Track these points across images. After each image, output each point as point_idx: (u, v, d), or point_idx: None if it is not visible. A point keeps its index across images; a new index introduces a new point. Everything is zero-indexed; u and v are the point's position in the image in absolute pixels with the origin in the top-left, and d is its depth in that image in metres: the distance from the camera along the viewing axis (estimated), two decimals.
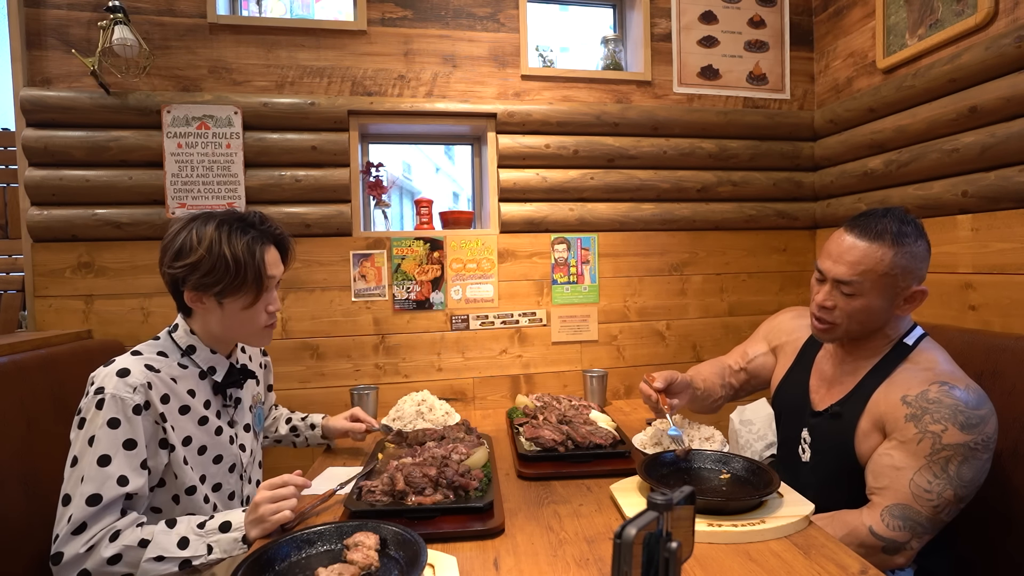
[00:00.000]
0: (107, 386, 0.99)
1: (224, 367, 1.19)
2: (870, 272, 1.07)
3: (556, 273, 2.15)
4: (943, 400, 1.01)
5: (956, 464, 0.99)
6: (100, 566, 0.92)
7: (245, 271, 1.07)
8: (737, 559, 0.87)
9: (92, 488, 0.94)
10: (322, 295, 1.98)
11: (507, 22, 2.10)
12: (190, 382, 1.12)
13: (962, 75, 1.61)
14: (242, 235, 1.08)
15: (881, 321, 1.12)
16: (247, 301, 1.10)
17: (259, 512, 0.97)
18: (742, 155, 2.22)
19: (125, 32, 1.72)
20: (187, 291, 1.08)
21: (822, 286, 1.15)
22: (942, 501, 0.99)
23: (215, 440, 1.14)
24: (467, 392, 2.09)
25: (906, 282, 1.08)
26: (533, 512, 1.06)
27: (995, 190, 1.55)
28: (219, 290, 1.07)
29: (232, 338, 1.19)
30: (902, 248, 1.06)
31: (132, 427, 0.98)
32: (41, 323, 1.82)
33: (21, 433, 1.27)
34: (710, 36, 2.23)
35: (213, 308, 1.10)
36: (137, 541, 0.94)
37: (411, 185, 7.14)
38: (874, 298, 1.08)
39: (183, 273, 1.06)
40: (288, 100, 1.92)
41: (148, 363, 1.06)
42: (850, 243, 1.10)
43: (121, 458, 0.97)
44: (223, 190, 1.89)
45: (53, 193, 1.80)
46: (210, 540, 0.97)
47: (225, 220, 1.09)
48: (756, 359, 1.47)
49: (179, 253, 1.06)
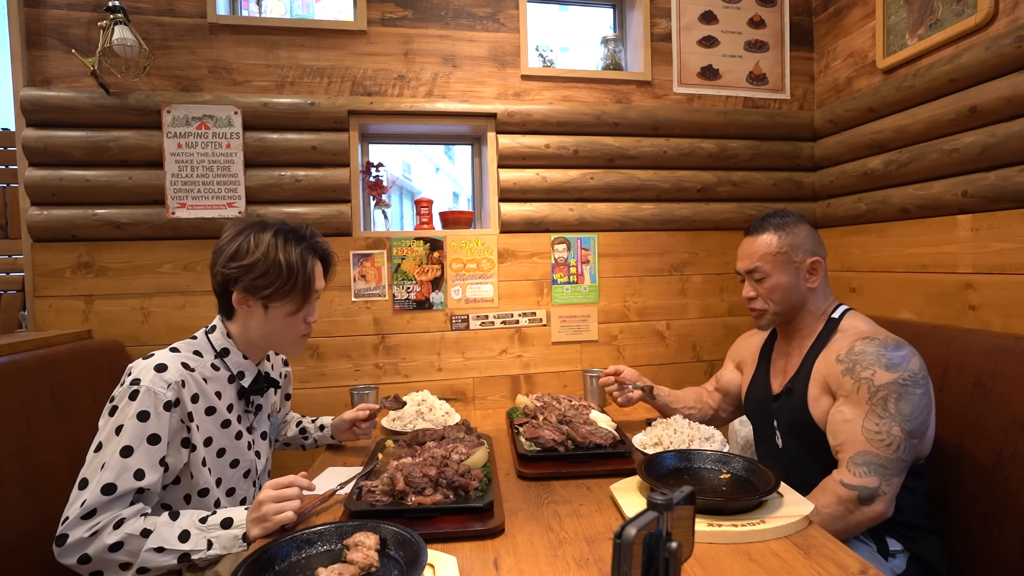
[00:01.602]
0: (143, 379, 1.01)
1: (252, 373, 1.21)
2: (766, 256, 1.30)
3: (556, 273, 2.15)
4: (867, 350, 1.16)
5: (894, 401, 1.10)
6: (101, 552, 0.93)
7: (296, 278, 1.11)
8: (737, 559, 0.87)
9: (109, 477, 0.96)
10: (322, 295, 1.97)
11: (507, 22, 2.10)
12: (219, 384, 1.14)
13: (962, 75, 1.61)
14: (296, 244, 1.13)
15: (796, 296, 1.30)
16: (292, 308, 1.14)
17: (262, 511, 0.98)
18: (742, 155, 2.23)
19: (125, 32, 1.72)
20: (237, 291, 1.11)
21: (743, 284, 1.37)
22: (893, 439, 1.09)
23: (234, 444, 1.16)
24: (467, 392, 2.09)
25: (799, 256, 1.29)
26: (533, 512, 1.06)
27: (995, 190, 1.55)
28: (268, 294, 1.11)
29: (269, 344, 1.20)
30: (784, 231, 1.30)
31: (159, 422, 1.00)
32: (41, 323, 1.82)
33: (21, 433, 1.27)
34: (710, 36, 2.23)
35: (257, 312, 1.14)
36: (140, 530, 0.95)
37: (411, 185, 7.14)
38: (779, 275, 1.29)
39: (237, 274, 1.10)
40: (288, 100, 1.92)
41: (184, 361, 1.08)
42: (747, 242, 1.35)
43: (143, 452, 0.98)
44: (223, 190, 1.89)
45: (53, 193, 1.80)
46: (210, 535, 0.98)
47: (281, 229, 1.14)
48: (724, 377, 1.62)
49: (235, 255, 1.10)
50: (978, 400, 1.29)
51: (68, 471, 1.35)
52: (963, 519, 1.29)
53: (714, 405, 1.63)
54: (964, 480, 1.30)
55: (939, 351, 1.42)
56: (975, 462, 1.28)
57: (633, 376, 1.58)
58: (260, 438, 1.27)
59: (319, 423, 1.52)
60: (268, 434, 1.31)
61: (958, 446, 1.32)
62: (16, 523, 1.20)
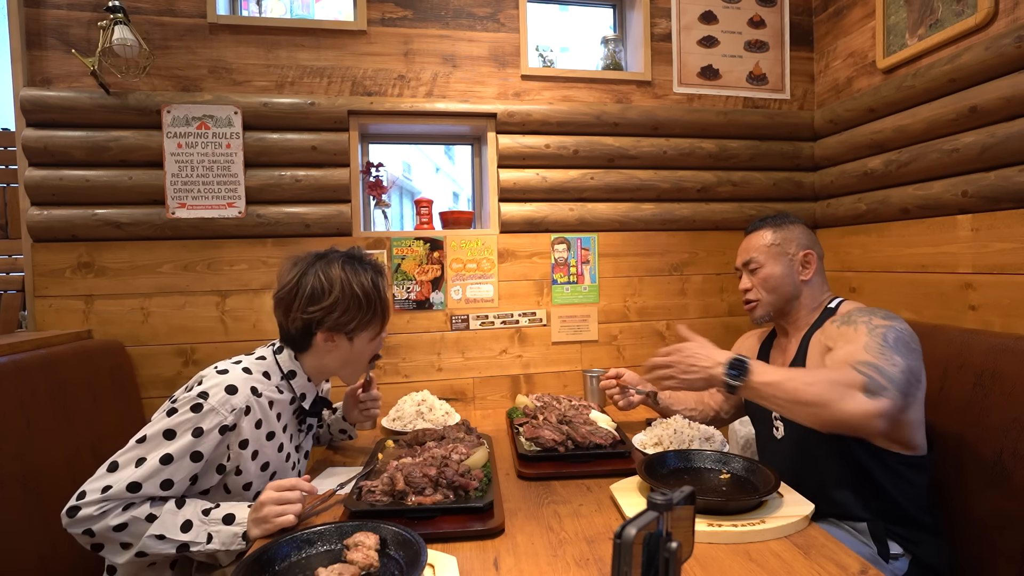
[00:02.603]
0: (212, 396, 1.02)
1: (313, 395, 1.22)
2: (760, 248, 1.38)
3: (556, 273, 2.15)
4: (861, 307, 1.23)
5: (892, 340, 1.09)
6: (105, 530, 0.95)
7: (375, 306, 1.14)
8: (737, 559, 0.87)
9: (139, 477, 0.97)
10: None
11: (507, 22, 2.10)
12: (282, 407, 1.15)
13: (962, 75, 1.61)
14: (364, 271, 1.14)
15: (789, 286, 1.35)
16: (374, 332, 1.17)
17: (263, 512, 0.98)
18: (742, 155, 2.22)
19: (125, 32, 1.72)
20: (322, 332, 1.12)
21: (741, 279, 1.44)
22: (898, 363, 1.04)
23: (279, 461, 1.17)
24: (467, 392, 2.09)
25: (792, 249, 1.36)
26: (533, 512, 1.06)
27: (995, 190, 1.55)
28: (354, 325, 1.13)
29: (345, 371, 1.23)
30: (779, 228, 1.39)
31: (208, 443, 1.01)
32: (41, 323, 1.82)
33: (21, 433, 1.27)
34: (710, 36, 2.23)
35: (343, 345, 1.15)
36: (145, 515, 0.97)
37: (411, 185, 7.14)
38: (772, 266, 1.36)
39: (320, 316, 1.11)
40: (288, 100, 1.92)
41: (255, 385, 1.08)
42: (745, 239, 1.44)
43: (181, 465, 1.00)
44: (223, 190, 1.89)
45: (53, 193, 1.80)
46: (211, 529, 0.99)
47: (345, 260, 1.15)
48: None
49: (312, 297, 1.10)
50: (978, 400, 1.29)
51: (68, 471, 1.35)
52: (964, 519, 1.29)
53: (715, 406, 1.63)
54: (964, 480, 1.30)
55: (939, 351, 1.42)
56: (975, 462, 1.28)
57: (634, 379, 1.58)
58: (303, 457, 1.29)
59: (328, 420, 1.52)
60: (306, 450, 1.32)
61: (958, 446, 1.32)
62: (16, 523, 1.20)
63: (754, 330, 1.60)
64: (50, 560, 1.26)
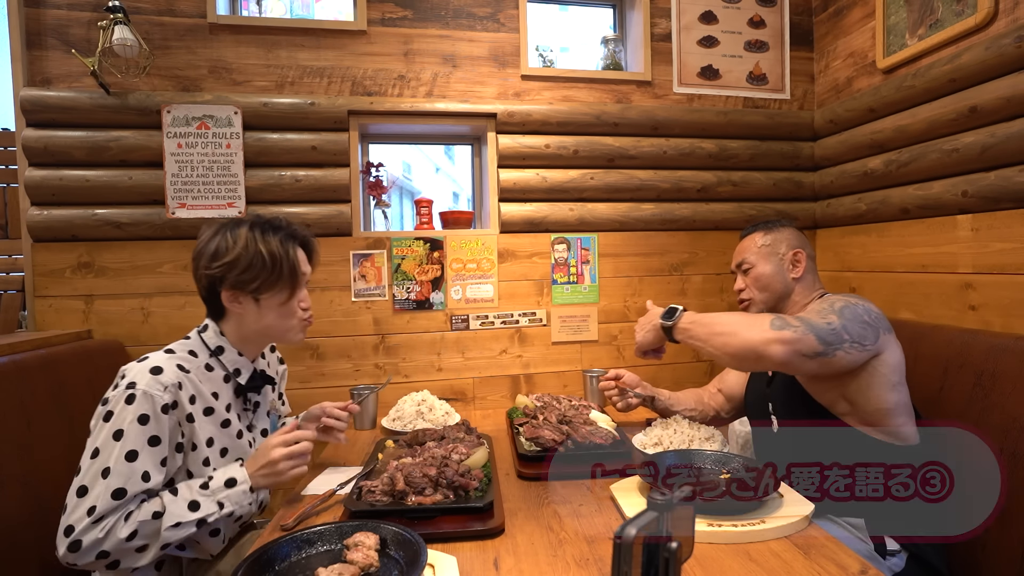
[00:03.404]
0: (139, 382, 1.00)
1: (248, 370, 1.21)
2: (752, 248, 1.44)
3: (556, 273, 2.15)
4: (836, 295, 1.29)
5: (840, 304, 1.19)
6: (118, 544, 0.94)
7: (281, 266, 1.12)
8: (737, 559, 0.87)
9: (119, 483, 0.96)
10: (322, 295, 1.98)
11: (507, 22, 2.10)
12: (215, 384, 1.14)
13: (962, 75, 1.61)
14: (274, 234, 1.14)
15: (780, 284, 1.40)
16: (283, 297, 1.15)
17: (277, 467, 1.06)
18: (742, 155, 2.22)
19: (125, 32, 1.72)
20: (225, 291, 1.11)
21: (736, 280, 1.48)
22: (826, 318, 1.16)
23: (236, 443, 1.16)
24: (467, 392, 2.09)
25: (783, 248, 1.41)
26: (533, 512, 1.06)
27: (995, 190, 1.55)
28: (256, 286, 1.11)
29: (268, 338, 1.21)
30: (770, 230, 1.45)
31: (159, 425, 1.00)
32: (41, 323, 1.82)
33: (21, 433, 1.27)
34: (710, 36, 2.23)
35: (250, 307, 1.14)
36: (151, 514, 0.97)
37: (411, 185, 7.13)
38: (763, 265, 1.41)
39: (221, 272, 1.10)
40: (288, 100, 1.92)
41: (180, 363, 1.07)
42: (740, 243, 1.50)
43: (147, 455, 0.98)
44: (223, 190, 1.89)
45: (53, 193, 1.80)
46: (219, 497, 1.02)
47: (256, 222, 1.15)
48: (728, 379, 1.66)
49: (216, 254, 1.10)
50: (978, 400, 1.29)
51: (68, 471, 1.34)
52: (963, 516, 1.29)
53: (716, 407, 1.63)
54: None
55: (939, 351, 1.42)
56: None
57: (633, 381, 1.59)
58: (261, 435, 1.27)
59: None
60: (269, 431, 1.31)
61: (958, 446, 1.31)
62: (16, 523, 1.20)
63: None
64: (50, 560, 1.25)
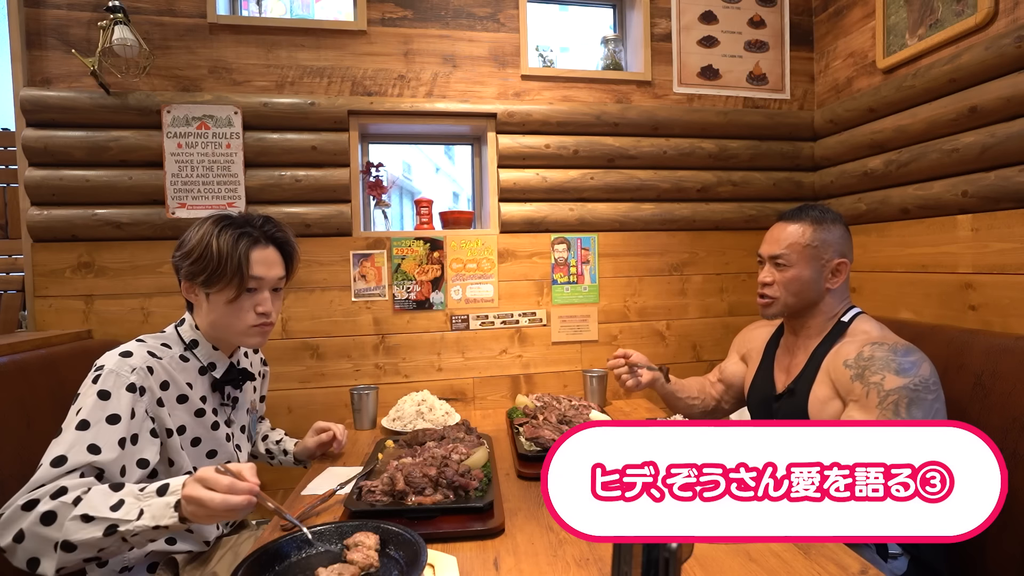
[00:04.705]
0: (107, 363, 1.01)
1: (224, 365, 1.20)
2: (795, 244, 1.27)
3: (556, 273, 2.15)
4: (875, 355, 1.13)
5: (905, 406, 1.07)
6: (33, 525, 0.82)
7: (225, 264, 1.10)
8: (737, 559, 0.87)
9: (61, 450, 0.90)
10: (322, 295, 1.98)
11: (507, 22, 2.10)
12: (189, 375, 1.14)
13: (962, 75, 1.61)
14: (233, 231, 1.13)
15: (813, 292, 1.28)
16: (229, 295, 1.12)
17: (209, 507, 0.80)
18: (742, 155, 2.22)
19: (125, 32, 1.72)
20: (182, 280, 1.15)
21: (762, 267, 1.34)
22: None
23: (211, 435, 1.15)
24: (467, 392, 2.09)
25: (828, 254, 1.27)
26: (533, 512, 1.06)
27: (995, 190, 1.55)
28: (203, 280, 1.11)
29: (220, 334, 1.18)
30: (821, 226, 1.27)
31: (120, 403, 0.97)
32: (41, 323, 1.82)
33: (21, 433, 1.27)
34: (710, 36, 2.23)
35: (202, 300, 1.14)
36: (72, 499, 0.84)
37: (411, 185, 7.13)
38: (803, 268, 1.27)
39: (177, 262, 1.14)
40: (288, 100, 1.92)
41: (151, 350, 1.08)
42: (780, 227, 1.32)
43: (100, 428, 0.94)
44: (223, 190, 1.89)
45: (53, 193, 1.80)
46: (143, 503, 0.85)
47: (225, 219, 1.15)
48: (728, 369, 1.61)
49: (180, 244, 1.14)
50: (978, 400, 1.29)
51: None
52: None
53: (716, 396, 1.62)
54: None
55: (939, 351, 1.42)
56: None
57: (642, 360, 1.52)
58: (240, 431, 1.26)
59: (283, 447, 1.47)
60: (248, 428, 1.30)
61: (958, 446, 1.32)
62: None
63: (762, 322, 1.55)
64: None
